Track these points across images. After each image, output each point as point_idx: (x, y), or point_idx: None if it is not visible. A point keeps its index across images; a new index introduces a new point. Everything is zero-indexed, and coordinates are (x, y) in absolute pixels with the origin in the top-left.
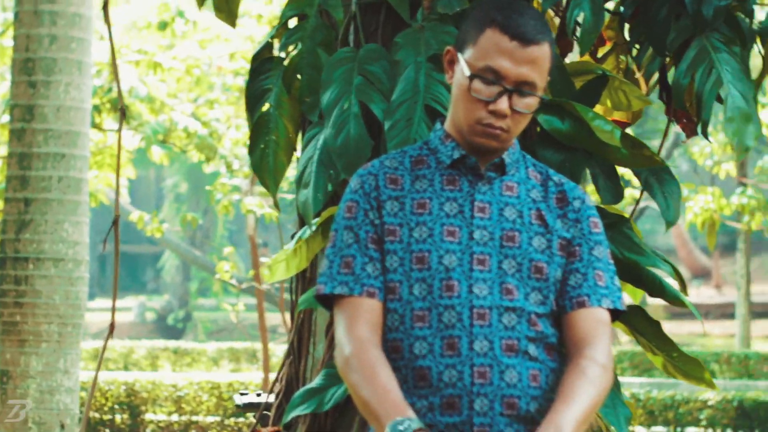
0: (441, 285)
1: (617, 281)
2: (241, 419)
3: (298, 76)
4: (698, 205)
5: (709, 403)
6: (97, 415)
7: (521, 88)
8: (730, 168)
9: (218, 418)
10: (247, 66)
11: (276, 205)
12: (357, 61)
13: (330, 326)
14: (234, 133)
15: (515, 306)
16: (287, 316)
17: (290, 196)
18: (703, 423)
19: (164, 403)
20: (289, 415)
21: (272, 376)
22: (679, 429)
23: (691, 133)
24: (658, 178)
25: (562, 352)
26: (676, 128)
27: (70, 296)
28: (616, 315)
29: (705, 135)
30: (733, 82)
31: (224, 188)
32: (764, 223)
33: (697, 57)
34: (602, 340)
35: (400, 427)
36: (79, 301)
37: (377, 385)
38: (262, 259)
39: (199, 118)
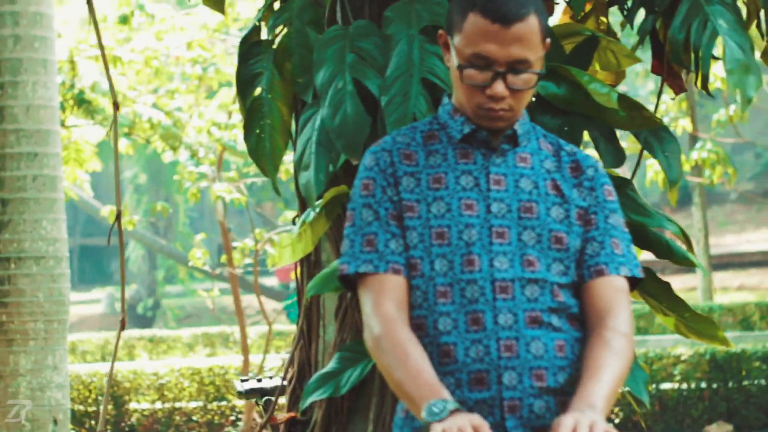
0: (462, 260)
1: (633, 249)
2: (223, 403)
3: (289, 58)
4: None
5: (682, 358)
6: (81, 407)
7: (514, 67)
8: (686, 124)
9: (201, 404)
10: (205, 54)
11: (275, 190)
12: (348, 38)
13: (339, 309)
14: (197, 121)
15: (537, 278)
16: (263, 299)
17: (258, 180)
18: (677, 378)
19: (147, 391)
20: (306, 401)
21: (251, 358)
22: (653, 385)
23: (678, 90)
24: (658, 137)
25: (584, 322)
26: (623, 87)
27: (53, 293)
28: (633, 283)
29: (706, 89)
30: (729, 33)
31: (192, 176)
32: (725, 176)
33: (690, 11)
34: (623, 310)
35: (436, 409)
36: (62, 297)
37: (410, 366)
38: (233, 244)
39: (162, 109)
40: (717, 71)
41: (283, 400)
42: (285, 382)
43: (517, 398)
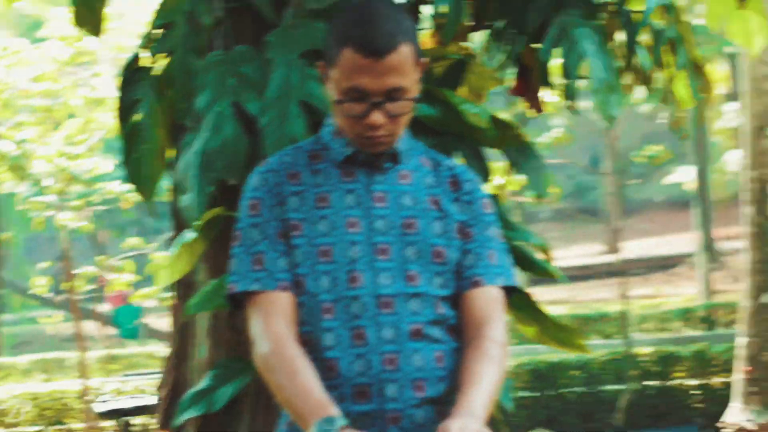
0: (346, 277)
1: (509, 259)
2: (63, 426)
3: (171, 85)
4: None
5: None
6: None
7: (391, 95)
8: None
9: (40, 428)
10: (54, 86)
11: (151, 213)
12: (229, 63)
13: (213, 327)
14: (44, 150)
15: (419, 292)
16: (99, 324)
17: (99, 208)
18: None
19: None
20: (180, 418)
21: (89, 382)
22: None
23: (537, 110)
24: (524, 155)
25: (461, 332)
26: None
27: None
28: (509, 292)
29: (572, 108)
30: (595, 54)
31: (37, 206)
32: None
33: (559, 33)
34: (499, 319)
35: (326, 427)
36: None
37: (299, 383)
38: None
39: (11, 139)
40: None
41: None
42: (133, 402)
43: (399, 409)
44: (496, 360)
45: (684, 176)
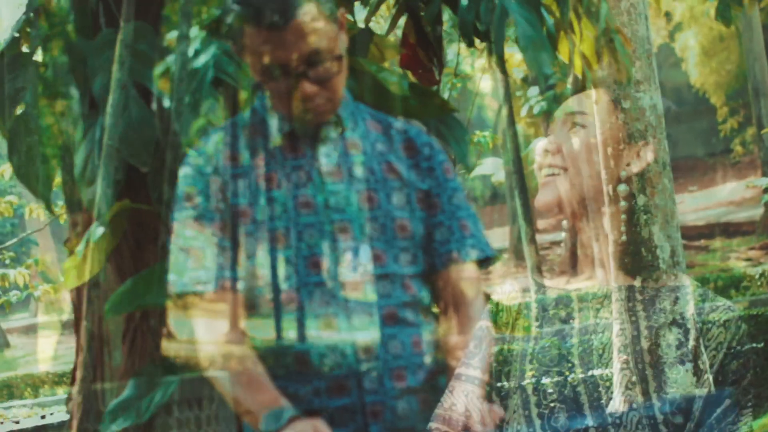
0: (306, 263)
1: (480, 225)
2: None
3: (57, 69)
4: None
5: None
6: None
7: (310, 61)
8: None
9: None
10: None
11: (49, 209)
12: (123, 42)
13: (127, 332)
14: None
15: (387, 272)
16: None
17: None
18: None
19: None
20: (109, 430)
21: None
22: None
23: (429, 83)
24: (447, 125)
25: (433, 313)
26: None
27: None
28: (486, 260)
29: (502, 69)
30: (518, 10)
31: None
32: None
33: None
34: (478, 296)
35: (273, 418)
36: None
37: (245, 380)
38: None
39: None
40: None
41: None
42: (69, 416)
43: (379, 402)
44: (484, 341)
45: (489, 168)
